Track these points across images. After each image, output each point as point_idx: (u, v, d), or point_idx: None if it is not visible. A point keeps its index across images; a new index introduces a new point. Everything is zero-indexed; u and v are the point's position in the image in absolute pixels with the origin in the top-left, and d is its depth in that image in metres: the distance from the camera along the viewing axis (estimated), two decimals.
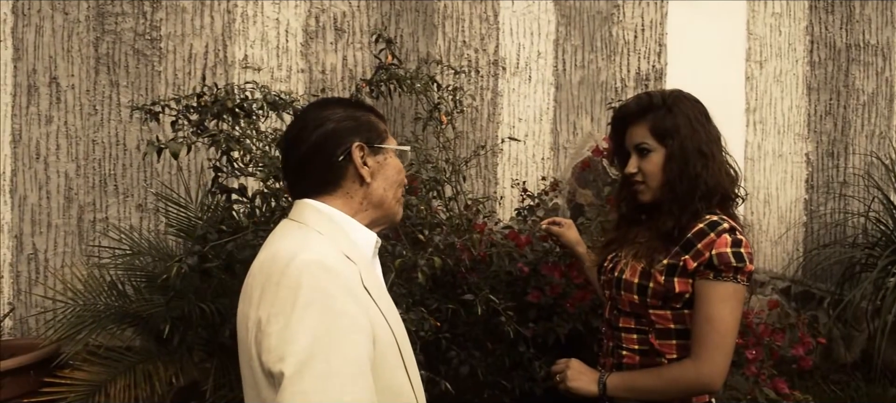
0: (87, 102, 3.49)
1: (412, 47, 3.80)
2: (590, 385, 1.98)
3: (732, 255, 1.78)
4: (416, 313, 2.46)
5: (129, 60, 3.52)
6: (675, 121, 1.93)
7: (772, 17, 4.30)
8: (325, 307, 1.28)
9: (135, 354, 2.84)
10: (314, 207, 1.46)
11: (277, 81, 3.65)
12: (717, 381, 1.81)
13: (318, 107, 1.55)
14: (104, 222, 3.50)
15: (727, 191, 1.91)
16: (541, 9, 3.97)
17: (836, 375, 4.21)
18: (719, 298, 1.79)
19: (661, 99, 1.99)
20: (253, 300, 1.33)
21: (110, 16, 3.49)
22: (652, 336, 1.92)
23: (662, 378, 1.88)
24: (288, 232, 1.43)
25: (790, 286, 4.42)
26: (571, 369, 2.03)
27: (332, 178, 1.48)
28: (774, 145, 4.34)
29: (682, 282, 1.84)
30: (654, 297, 1.88)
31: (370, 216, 1.53)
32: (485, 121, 3.91)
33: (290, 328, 1.25)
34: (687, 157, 1.89)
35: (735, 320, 1.80)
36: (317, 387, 1.23)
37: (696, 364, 1.81)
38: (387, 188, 1.54)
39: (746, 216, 4.32)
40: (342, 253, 1.39)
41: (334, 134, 1.48)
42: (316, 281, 1.29)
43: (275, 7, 3.65)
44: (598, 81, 4.06)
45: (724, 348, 1.79)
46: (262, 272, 1.35)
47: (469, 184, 3.88)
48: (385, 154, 1.55)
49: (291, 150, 1.51)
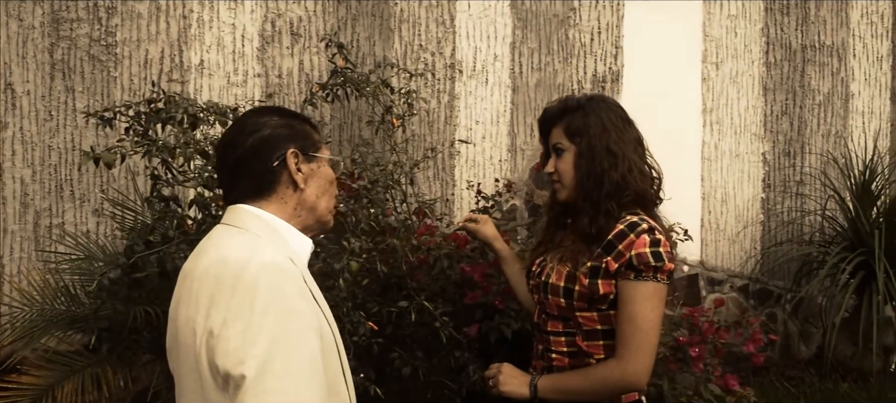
0: (43, 108, 3.52)
1: (369, 51, 3.84)
2: (521, 388, 2.03)
3: (651, 255, 1.83)
4: (355, 316, 2.50)
5: (85, 66, 3.54)
6: (587, 121, 1.99)
7: (728, 18, 4.36)
8: (283, 309, 1.34)
9: (84, 358, 2.87)
10: (252, 213, 1.50)
11: (233, 86, 3.68)
12: (642, 379, 1.87)
13: (256, 114, 1.60)
14: (60, 228, 3.52)
15: (641, 190, 1.96)
16: (497, 12, 4.01)
17: (792, 371, 4.28)
18: (641, 297, 1.84)
19: (577, 101, 2.06)
20: (201, 305, 1.36)
21: (65, 22, 3.51)
22: (579, 338, 1.97)
23: (589, 378, 1.93)
24: (230, 238, 1.47)
25: (748, 283, 4.49)
26: (503, 373, 2.08)
27: (267, 183, 1.52)
28: (731, 145, 4.40)
29: (606, 284, 1.89)
30: (580, 299, 1.94)
31: (303, 221, 1.57)
32: (442, 123, 3.95)
33: (250, 331, 1.30)
34: (594, 155, 1.95)
35: (657, 318, 1.86)
36: (278, 387, 1.28)
37: (620, 364, 1.86)
38: (319, 195, 1.59)
39: (704, 215, 4.38)
40: (287, 257, 1.44)
41: (270, 139, 1.52)
42: (273, 283, 1.34)
43: (231, 12, 3.68)
44: (555, 84, 4.11)
45: (648, 346, 1.85)
46: (208, 276, 1.38)
47: (427, 186, 3.93)
48: (318, 162, 1.59)
49: (228, 154, 1.54)
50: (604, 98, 2.09)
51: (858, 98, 4.61)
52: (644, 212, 1.97)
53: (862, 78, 4.61)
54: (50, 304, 3.06)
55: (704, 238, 4.40)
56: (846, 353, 4.03)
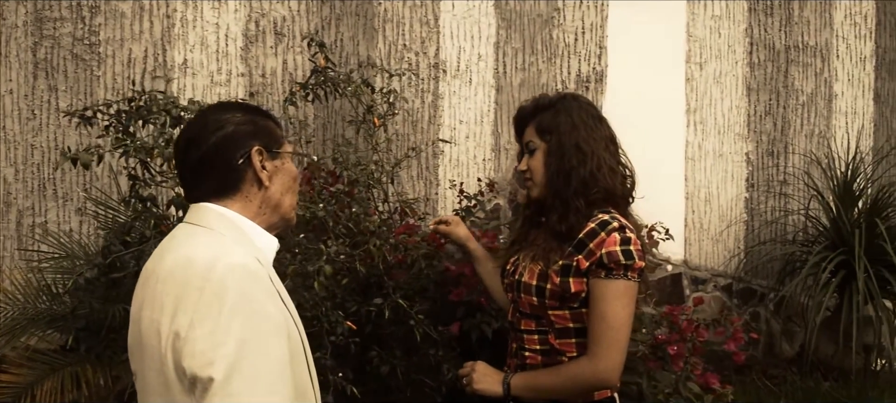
0: (26, 107, 3.52)
1: (353, 51, 3.85)
2: (494, 386, 2.05)
3: (621, 253, 1.85)
4: (333, 315, 2.51)
5: (68, 65, 3.55)
6: (557, 119, 2.01)
7: (711, 19, 4.38)
8: (251, 310, 1.33)
9: (64, 357, 2.88)
10: (216, 211, 1.48)
11: (217, 85, 3.69)
12: (614, 376, 1.89)
13: (218, 110, 1.57)
14: (43, 227, 3.53)
15: (610, 188, 1.97)
16: (481, 12, 4.03)
17: (775, 370, 4.31)
18: (612, 296, 1.87)
19: (548, 100, 2.08)
20: (165, 306, 1.35)
21: (48, 21, 3.51)
22: (551, 336, 1.99)
23: (561, 376, 1.96)
24: (194, 237, 1.45)
25: (731, 283, 4.51)
26: (477, 372, 2.11)
27: (232, 182, 1.50)
28: (715, 145, 4.42)
29: (577, 282, 1.91)
30: (552, 298, 1.96)
31: (268, 220, 1.56)
32: (426, 123, 3.96)
33: (217, 333, 1.29)
34: (563, 153, 1.98)
35: (628, 316, 1.88)
36: (246, 389, 1.28)
37: (592, 362, 1.89)
38: (284, 192, 1.58)
39: (687, 214, 4.40)
40: (254, 257, 1.43)
41: (234, 137, 1.50)
42: (241, 285, 1.34)
43: (214, 12, 3.68)
44: (539, 83, 4.12)
45: (619, 344, 1.87)
46: (175, 278, 1.36)
47: (411, 185, 3.94)
48: (282, 158, 1.58)
49: (190, 152, 1.51)
50: (576, 96, 2.10)
51: (841, 98, 4.63)
52: (616, 210, 1.99)
53: (845, 78, 4.63)
54: (32, 303, 3.07)
55: (688, 237, 4.42)
56: (828, 352, 4.05)
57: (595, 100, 4.20)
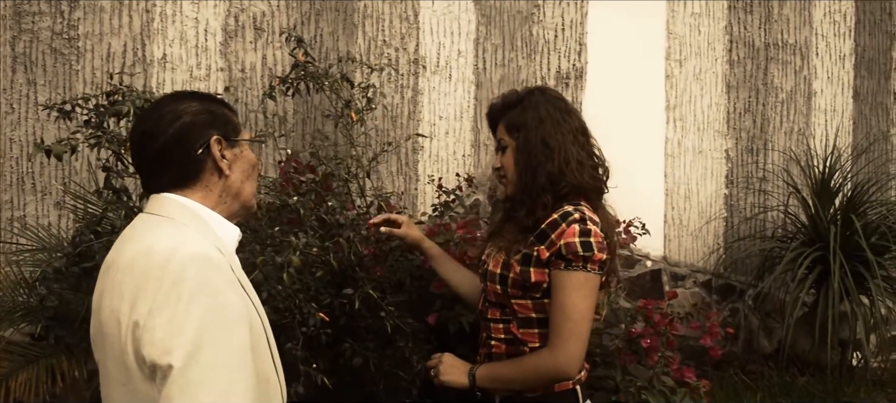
0: (5, 101, 3.53)
1: (332, 46, 3.87)
2: (461, 377, 2.07)
3: (580, 245, 1.86)
4: (306, 306, 2.53)
5: (47, 59, 3.55)
6: (524, 115, 2.03)
7: (691, 16, 4.40)
8: (210, 299, 1.33)
9: (40, 349, 2.88)
10: (177, 201, 1.49)
11: (196, 80, 3.70)
12: (573, 368, 1.91)
13: (173, 100, 1.56)
14: (21, 220, 3.54)
15: (578, 182, 1.98)
16: (461, 8, 4.05)
17: (753, 365, 4.34)
18: (571, 287, 1.88)
19: (516, 97, 2.09)
20: (125, 296, 1.35)
21: (27, 15, 3.52)
22: (514, 326, 2.01)
23: (523, 367, 1.97)
24: (155, 227, 1.45)
25: (711, 279, 4.54)
26: (444, 363, 2.12)
27: (192, 172, 1.50)
28: (694, 142, 4.45)
29: (538, 272, 1.93)
30: (514, 287, 1.97)
31: (229, 208, 1.56)
32: (405, 118, 3.98)
33: (176, 321, 1.29)
34: (530, 149, 1.99)
35: (588, 308, 1.89)
36: (205, 377, 1.28)
37: (552, 353, 1.90)
38: (243, 180, 1.58)
39: (667, 210, 4.43)
40: (214, 247, 1.44)
41: (192, 126, 1.50)
42: (201, 274, 1.34)
43: (194, 6, 3.70)
44: (519, 80, 4.15)
45: (579, 335, 1.88)
46: (135, 267, 1.36)
47: (390, 180, 3.96)
48: (241, 146, 1.59)
49: (146, 144, 1.51)
50: (544, 90, 2.11)
51: (821, 96, 4.67)
52: (587, 203, 2.00)
53: (824, 76, 4.67)
54: (9, 296, 3.08)
55: (667, 233, 4.45)
56: (805, 348, 4.08)
57: (574, 96, 4.22)
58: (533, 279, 1.93)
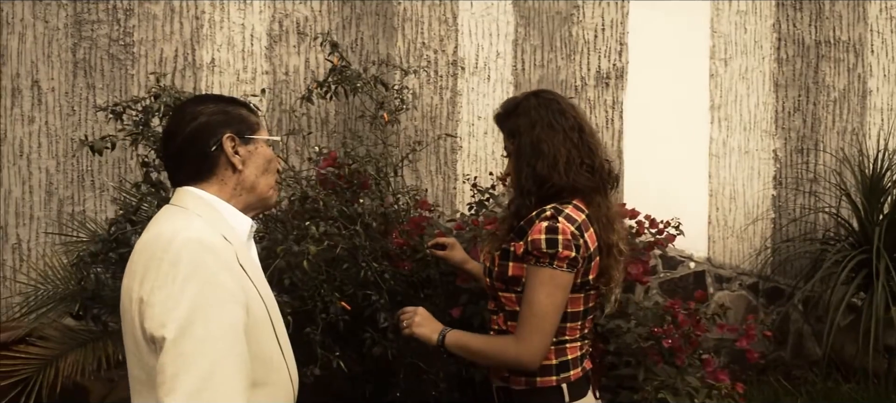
0: (66, 104, 3.78)
1: (372, 49, 3.99)
2: (432, 334, 2.10)
3: (545, 242, 1.89)
4: (328, 295, 2.65)
5: (105, 64, 3.79)
6: (518, 121, 2.07)
7: (737, 14, 4.33)
8: (204, 279, 1.45)
9: (88, 333, 3.09)
10: (193, 194, 1.62)
11: (242, 83, 3.87)
12: (534, 361, 1.94)
13: (194, 103, 1.71)
14: (82, 215, 3.78)
15: (569, 183, 2.00)
16: (499, 10, 4.10)
17: (799, 371, 4.23)
18: (538, 282, 1.91)
19: (513, 103, 2.13)
20: (137, 275, 1.48)
21: (87, 23, 3.77)
22: (501, 317, 2.06)
23: (489, 346, 2.02)
24: (170, 216, 1.59)
25: (758, 282, 4.45)
26: (419, 315, 2.16)
27: (207, 167, 1.64)
28: (740, 142, 4.37)
29: (516, 267, 1.98)
30: (498, 280, 2.03)
31: (244, 201, 1.69)
32: (444, 119, 4.06)
33: (172, 297, 1.41)
34: (521, 153, 2.03)
35: (552, 304, 1.91)
36: (196, 350, 1.40)
37: (516, 343, 1.94)
38: (258, 175, 1.71)
39: (711, 212, 4.37)
40: (220, 234, 1.56)
41: (207, 126, 1.64)
42: (196, 256, 1.45)
43: (240, 13, 3.88)
44: (558, 80, 4.17)
45: (542, 330, 1.91)
46: (145, 250, 1.50)
47: (429, 179, 4.05)
48: (255, 143, 1.71)
49: (169, 142, 1.67)
50: (538, 93, 2.13)
51: (877, 94, 4.51)
52: (581, 201, 2.04)
53: (880, 74, 4.51)
54: (64, 284, 3.31)
55: (712, 235, 4.39)
56: (851, 353, 3.96)
57: (615, 96, 4.22)
58: (510, 273, 1.98)
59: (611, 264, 2.09)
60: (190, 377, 1.40)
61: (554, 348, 2.02)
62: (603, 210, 2.10)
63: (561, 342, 2.02)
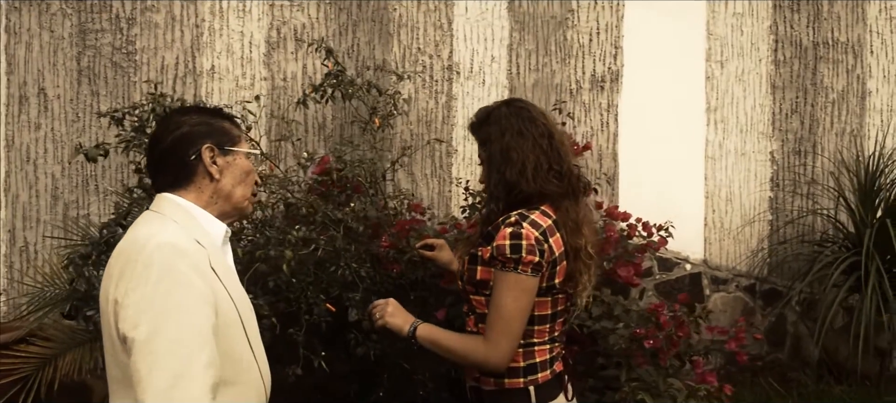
0: (71, 110, 3.90)
1: (369, 55, 4.06)
2: (404, 324, 2.14)
3: (508, 247, 1.95)
4: (312, 297, 2.73)
5: (108, 72, 3.91)
6: (489, 130, 2.12)
7: (733, 17, 4.35)
8: (175, 281, 1.52)
9: (87, 334, 3.20)
10: (171, 200, 1.70)
11: (242, 89, 3.97)
12: (501, 363, 1.99)
13: (179, 113, 1.80)
14: (86, 218, 3.90)
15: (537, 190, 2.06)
16: (494, 15, 4.15)
17: (794, 372, 4.24)
18: (504, 286, 1.97)
19: (485, 113, 2.18)
20: (113, 278, 1.57)
21: (91, 32, 3.88)
22: (471, 319, 2.13)
23: (458, 344, 2.07)
24: (147, 221, 1.68)
25: (755, 283, 4.46)
26: (390, 306, 2.20)
27: (185, 175, 1.72)
28: (737, 144, 4.39)
29: (483, 271, 2.04)
30: (468, 283, 2.10)
31: (220, 208, 1.77)
32: (440, 123, 4.13)
33: (145, 298, 1.49)
34: (491, 160, 2.09)
35: (518, 308, 1.97)
36: (167, 350, 1.47)
37: (484, 344, 2.00)
38: (235, 185, 1.79)
39: (707, 213, 4.39)
40: (193, 239, 1.64)
41: (187, 136, 1.72)
42: (167, 259, 1.53)
43: (239, 21, 3.97)
44: (553, 84, 4.21)
45: (508, 333, 1.97)
46: (122, 254, 1.59)
47: (424, 182, 4.11)
48: (234, 155, 1.80)
49: (152, 149, 1.75)
50: (509, 102, 2.19)
51: (876, 95, 4.50)
52: (550, 207, 2.09)
53: (880, 75, 4.50)
54: (67, 285, 3.42)
55: (708, 237, 4.41)
56: (845, 355, 3.96)
57: (610, 99, 4.25)
58: (478, 276, 2.04)
59: (578, 268, 2.14)
60: (162, 375, 1.47)
61: (522, 350, 2.07)
62: (571, 215, 2.14)
63: (529, 344, 2.08)
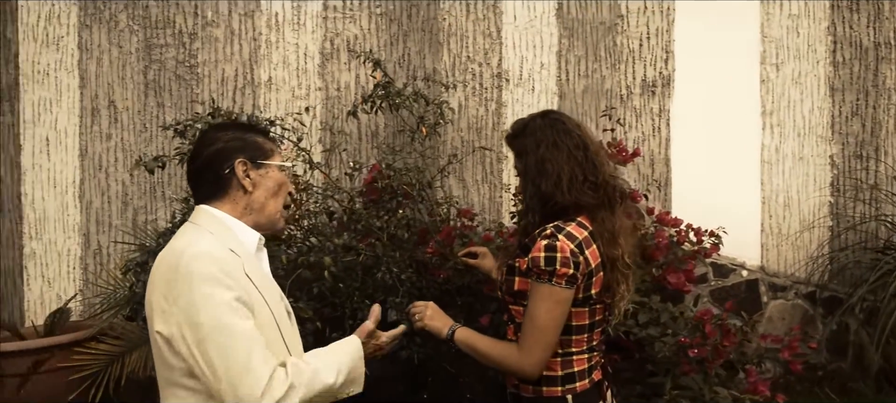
0: (139, 121, 4.13)
1: (419, 64, 4.16)
2: (443, 327, 2.22)
3: (543, 259, 1.99)
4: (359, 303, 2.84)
5: (172, 85, 4.12)
6: (524, 142, 2.17)
7: (788, 18, 4.26)
8: (213, 287, 1.65)
9: None
10: (207, 212, 1.83)
11: (297, 99, 4.12)
12: (534, 371, 2.04)
13: (215, 129, 1.94)
14: (154, 223, 4.12)
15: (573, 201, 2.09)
16: (543, 23, 4.19)
17: (856, 383, 4.12)
18: (538, 297, 2.02)
19: (521, 125, 2.22)
20: (155, 285, 1.72)
21: (156, 47, 4.10)
22: (511, 328, 2.18)
23: (494, 350, 2.13)
24: (184, 233, 1.81)
25: (815, 290, 4.35)
26: (430, 309, 2.28)
27: (220, 188, 1.84)
28: (794, 148, 4.30)
29: (521, 281, 2.08)
30: (506, 293, 2.15)
31: (253, 219, 1.88)
32: (489, 130, 4.19)
33: (191, 306, 1.62)
34: (527, 172, 2.14)
35: (551, 318, 2.01)
36: (228, 342, 1.61)
37: (518, 351, 2.05)
38: (268, 197, 1.90)
39: (764, 219, 4.31)
40: (227, 248, 1.76)
41: (222, 152, 1.84)
42: (202, 267, 1.66)
43: (295, 34, 4.12)
44: (603, 89, 4.22)
45: (542, 343, 2.02)
46: (162, 264, 1.73)
47: (475, 189, 4.18)
48: (267, 168, 1.91)
49: (191, 164, 1.89)
50: (545, 114, 2.22)
51: None
52: (587, 217, 2.12)
53: None
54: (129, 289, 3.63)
55: (765, 243, 4.33)
56: None
57: (661, 104, 4.23)
58: (516, 287, 2.09)
59: (615, 278, 2.16)
60: (234, 364, 1.61)
61: (560, 359, 2.11)
62: (607, 225, 2.16)
63: (567, 354, 2.11)
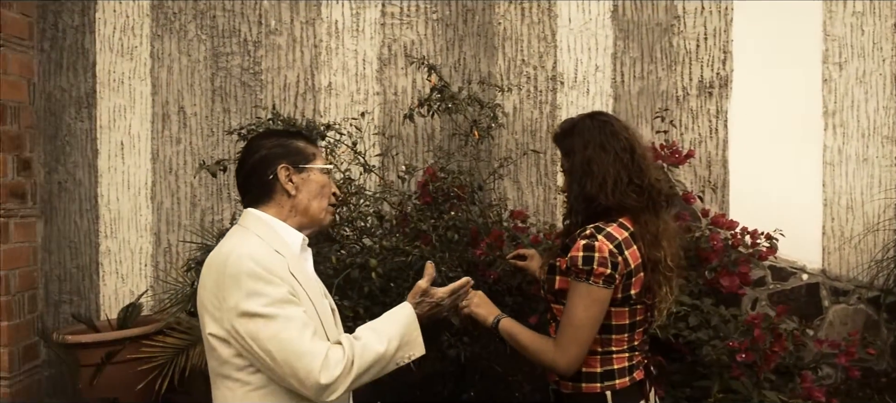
0: (207, 126, 4.32)
1: (474, 68, 4.22)
2: (488, 315, 2.31)
3: (581, 259, 2.05)
4: None
5: (238, 91, 4.30)
6: (572, 142, 2.22)
7: (852, 16, 4.16)
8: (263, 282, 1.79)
9: None
10: (254, 215, 1.98)
11: (356, 104, 4.24)
12: (569, 367, 2.10)
13: (260, 137, 2.09)
14: (220, 223, 4.30)
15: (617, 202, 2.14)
16: (598, 25, 4.20)
17: None
18: (576, 296, 2.08)
19: (570, 124, 2.28)
20: (206, 286, 1.87)
21: (223, 55, 4.29)
22: (553, 326, 2.24)
23: (534, 343, 2.21)
24: (231, 235, 1.96)
25: (879, 295, 4.24)
26: (477, 297, 2.36)
27: (266, 192, 1.98)
28: (858, 149, 4.19)
29: (561, 280, 2.15)
30: (549, 293, 2.21)
31: (299, 221, 2.02)
32: (544, 132, 4.22)
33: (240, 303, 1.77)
34: (573, 172, 2.19)
35: (589, 317, 2.07)
36: (283, 327, 1.75)
37: (555, 347, 2.12)
38: (311, 199, 2.03)
39: (826, 222, 4.22)
40: (273, 249, 1.90)
41: (266, 159, 1.98)
42: (248, 267, 1.80)
43: (353, 40, 4.25)
44: (659, 91, 4.21)
45: (578, 340, 2.08)
46: (212, 265, 1.88)
47: (530, 190, 4.22)
48: (309, 172, 2.04)
49: (238, 172, 2.04)
50: (594, 115, 2.27)
51: None
52: (629, 219, 2.17)
53: None
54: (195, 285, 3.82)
55: (827, 246, 4.24)
56: None
57: (719, 105, 4.19)
58: (556, 286, 2.15)
59: (657, 280, 2.20)
60: (289, 346, 1.75)
61: (600, 357, 2.16)
62: (650, 228, 2.20)
63: (607, 352, 2.17)
